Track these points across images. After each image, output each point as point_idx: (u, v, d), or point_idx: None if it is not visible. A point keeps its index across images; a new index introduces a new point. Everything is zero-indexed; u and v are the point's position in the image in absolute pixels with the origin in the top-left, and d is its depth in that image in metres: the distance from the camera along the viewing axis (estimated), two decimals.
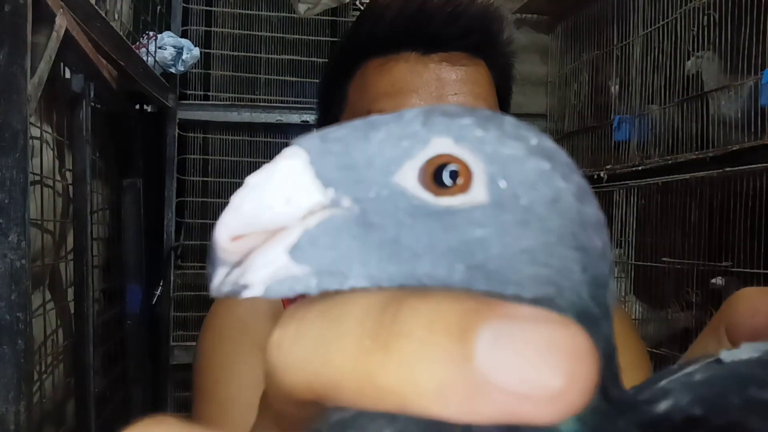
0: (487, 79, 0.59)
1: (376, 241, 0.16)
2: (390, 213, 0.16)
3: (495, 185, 0.16)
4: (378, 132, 0.17)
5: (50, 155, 1.30)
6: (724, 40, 1.44)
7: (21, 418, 0.83)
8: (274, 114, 2.15)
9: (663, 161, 1.63)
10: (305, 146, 0.17)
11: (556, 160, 0.17)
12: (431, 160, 0.16)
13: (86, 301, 1.31)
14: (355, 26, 0.61)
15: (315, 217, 0.16)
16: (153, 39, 1.80)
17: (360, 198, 0.16)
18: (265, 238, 0.17)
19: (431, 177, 0.16)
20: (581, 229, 0.17)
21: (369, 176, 0.17)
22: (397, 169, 0.17)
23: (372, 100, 0.56)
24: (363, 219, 0.16)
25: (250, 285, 0.16)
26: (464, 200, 0.16)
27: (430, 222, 0.16)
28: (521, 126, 0.18)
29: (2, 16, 0.83)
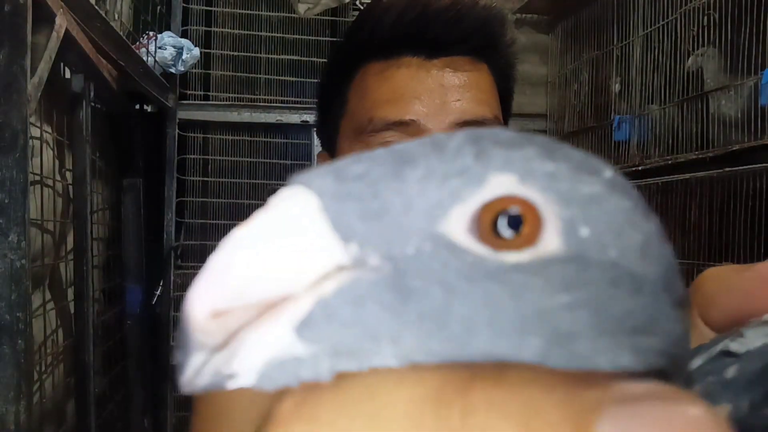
0: (490, 82, 0.58)
1: (416, 312, 0.12)
2: (435, 273, 0.12)
3: (573, 234, 0.13)
4: (415, 169, 0.13)
5: (50, 155, 1.30)
6: (724, 40, 1.44)
7: (21, 418, 0.83)
8: (274, 114, 2.15)
9: (663, 161, 1.63)
10: (315, 187, 0.13)
11: (634, 197, 0.14)
12: (490, 204, 0.13)
13: (86, 301, 1.31)
14: (354, 28, 0.60)
15: (332, 281, 0.12)
16: (153, 39, 1.80)
17: (393, 255, 0.13)
18: (259, 312, 0.13)
19: (490, 226, 0.13)
20: (673, 277, 0.14)
21: (405, 226, 0.13)
22: (445, 216, 0.13)
23: (373, 107, 0.55)
24: (398, 282, 0.12)
25: (240, 372, 0.12)
26: (534, 255, 0.12)
27: (492, 285, 0.12)
28: (589, 156, 0.14)
29: (2, 16, 0.83)
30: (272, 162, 2.20)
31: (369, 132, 0.54)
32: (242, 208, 2.18)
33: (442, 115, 0.53)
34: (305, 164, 2.20)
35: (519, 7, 2.26)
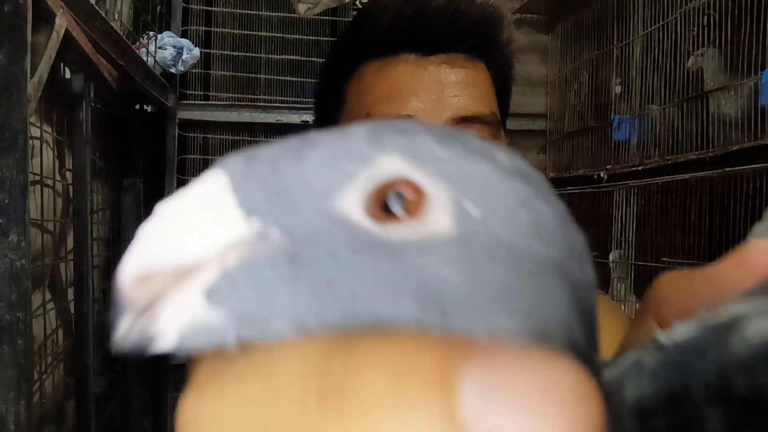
0: (487, 80, 0.59)
1: (309, 281, 0.13)
2: (326, 246, 0.13)
3: (462, 212, 0.14)
4: (315, 150, 0.14)
5: (50, 155, 1.30)
6: (724, 40, 1.44)
7: (21, 418, 0.83)
8: (274, 114, 2.15)
9: (663, 161, 1.63)
10: (227, 168, 0.15)
11: (533, 181, 0.15)
12: (377, 183, 0.14)
13: (86, 301, 1.31)
14: (352, 27, 0.60)
15: (235, 253, 0.14)
16: (153, 39, 1.80)
17: (290, 229, 0.14)
18: (177, 280, 0.14)
19: (379, 204, 0.14)
20: (568, 258, 0.15)
21: (302, 203, 0.14)
22: (337, 194, 0.14)
23: (371, 104, 0.55)
24: (294, 254, 0.14)
25: (160, 335, 0.14)
26: (422, 231, 0.14)
27: (375, 255, 0.13)
28: (489, 144, 0.15)
29: (2, 16, 0.83)
30: None
31: None
32: None
33: (439, 111, 0.54)
34: None
35: (519, 7, 2.25)
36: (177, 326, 0.13)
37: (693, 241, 1.54)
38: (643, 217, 1.76)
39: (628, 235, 1.78)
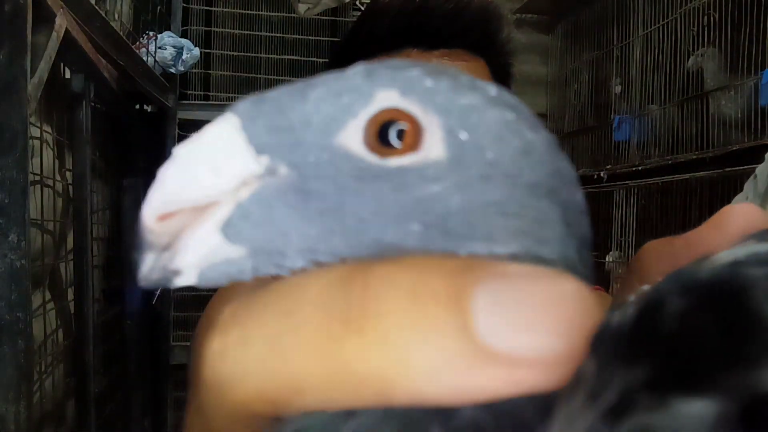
0: (487, 76, 0.60)
1: (317, 211, 0.14)
2: (331, 178, 0.14)
3: (454, 138, 0.15)
4: (315, 89, 0.15)
5: (50, 155, 1.30)
6: (724, 40, 1.44)
7: (21, 418, 0.83)
8: None
9: (663, 161, 1.63)
10: (237, 110, 0.16)
11: (522, 112, 0.16)
12: (375, 116, 0.15)
13: (86, 301, 1.31)
14: (356, 26, 0.62)
15: (248, 188, 0.15)
16: (153, 39, 1.80)
17: (297, 163, 0.15)
18: (194, 216, 0.15)
19: (376, 136, 0.15)
20: (558, 182, 0.15)
21: (307, 139, 0.15)
22: (339, 128, 0.15)
23: None
24: (301, 187, 0.14)
25: (182, 270, 0.15)
26: (416, 159, 0.14)
27: (378, 184, 0.14)
28: (477, 79, 0.16)
29: (2, 16, 0.83)
30: None
31: None
32: None
33: None
34: None
35: (519, 7, 2.25)
36: (196, 261, 0.15)
37: None
38: (643, 217, 1.76)
39: (628, 235, 1.78)
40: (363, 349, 0.11)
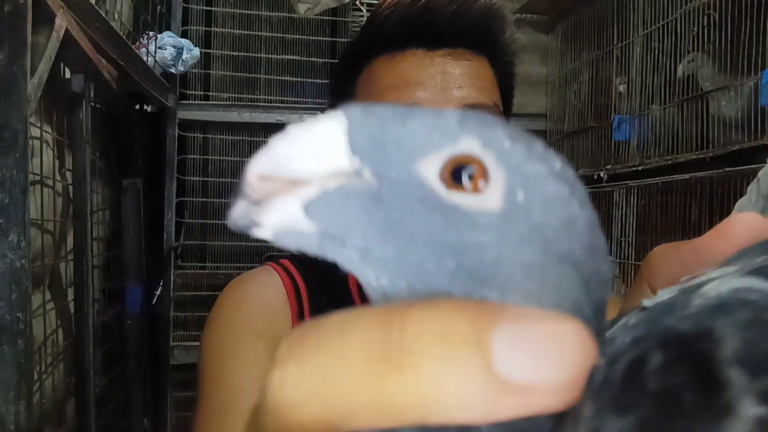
0: (490, 75, 0.62)
1: (382, 218, 0.17)
2: (402, 196, 0.17)
3: (512, 196, 0.17)
4: (415, 119, 0.18)
5: (50, 155, 1.30)
6: (724, 40, 1.44)
7: (21, 418, 0.83)
8: (274, 114, 2.15)
9: (663, 161, 1.63)
10: (347, 113, 0.18)
11: (576, 189, 0.18)
12: (456, 157, 0.17)
13: (86, 301, 1.31)
14: (363, 28, 0.63)
15: (336, 180, 0.17)
16: (153, 39, 1.80)
17: (380, 174, 0.17)
18: (287, 187, 0.18)
19: (450, 172, 0.17)
20: (588, 255, 0.18)
21: (395, 157, 0.17)
22: (422, 157, 0.17)
23: (380, 93, 0.59)
24: (377, 194, 0.17)
25: (262, 225, 0.18)
26: (475, 202, 0.17)
27: (436, 215, 0.17)
28: (549, 150, 0.19)
29: (2, 16, 0.83)
30: None
31: None
32: None
33: (444, 100, 0.58)
34: None
35: (519, 7, 2.25)
36: (275, 222, 0.18)
37: None
38: (643, 217, 1.76)
39: (628, 235, 1.78)
40: (403, 383, 0.14)
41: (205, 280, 2.12)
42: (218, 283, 2.12)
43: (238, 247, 2.18)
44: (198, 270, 2.14)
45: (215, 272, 2.14)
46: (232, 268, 2.15)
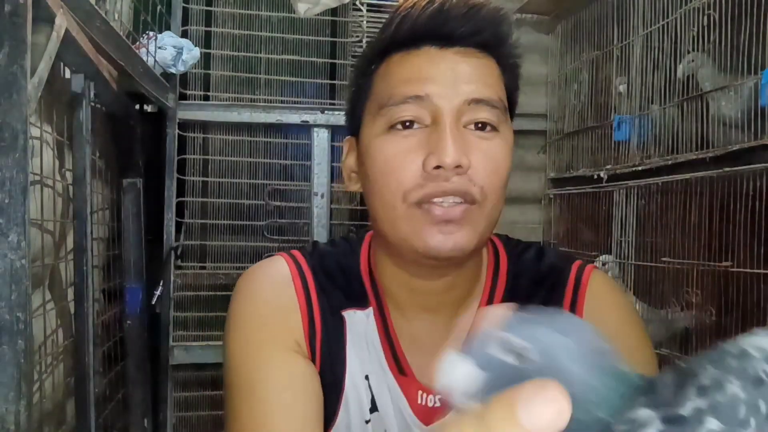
0: (497, 73, 0.67)
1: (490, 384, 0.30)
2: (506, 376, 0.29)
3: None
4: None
5: (50, 155, 1.30)
6: (724, 40, 1.44)
7: (21, 418, 0.83)
8: (274, 114, 2.15)
9: (663, 161, 1.63)
10: (473, 355, 0.31)
11: (607, 356, 0.30)
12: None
13: (86, 301, 1.31)
14: (382, 27, 0.68)
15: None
16: (153, 39, 1.80)
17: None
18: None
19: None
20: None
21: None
22: None
23: (394, 85, 0.64)
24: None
25: (448, 388, 0.31)
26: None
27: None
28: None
29: (2, 16, 0.83)
30: (272, 162, 2.20)
31: (389, 105, 0.64)
32: (242, 208, 2.18)
33: (453, 94, 0.63)
34: (305, 164, 2.20)
35: (519, 7, 2.25)
36: (455, 383, 0.31)
37: (693, 241, 1.54)
38: (643, 217, 1.76)
39: (628, 235, 1.78)
40: None
41: (205, 280, 2.12)
42: (218, 283, 2.12)
43: (238, 247, 2.18)
44: (198, 270, 2.14)
45: (215, 272, 2.14)
46: (232, 268, 2.15)
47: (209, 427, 2.16)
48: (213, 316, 2.09)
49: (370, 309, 0.72)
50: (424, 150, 0.62)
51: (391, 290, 0.71)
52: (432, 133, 0.62)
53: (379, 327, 0.71)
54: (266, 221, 2.18)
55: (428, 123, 0.63)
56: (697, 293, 1.50)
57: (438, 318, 0.71)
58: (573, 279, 0.74)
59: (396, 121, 0.63)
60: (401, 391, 0.69)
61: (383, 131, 0.65)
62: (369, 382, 0.70)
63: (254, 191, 2.19)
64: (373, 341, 0.71)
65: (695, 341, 1.49)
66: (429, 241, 0.62)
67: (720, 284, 1.44)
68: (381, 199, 0.65)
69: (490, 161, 0.63)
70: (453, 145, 0.60)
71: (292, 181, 2.22)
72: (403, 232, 0.64)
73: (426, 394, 0.69)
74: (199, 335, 2.09)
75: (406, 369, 0.70)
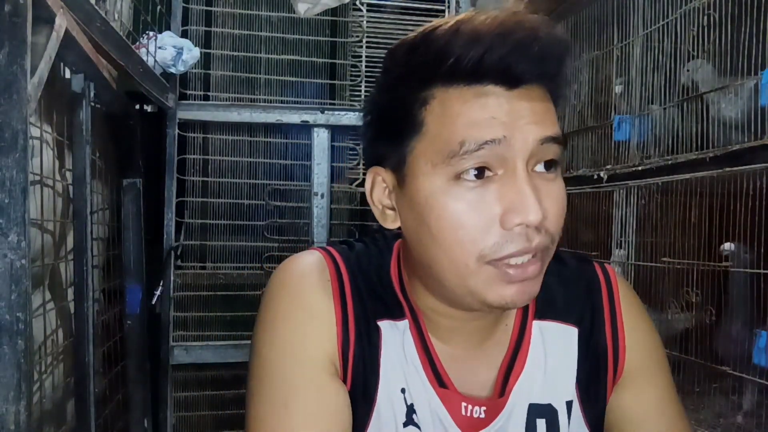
0: (552, 105, 0.63)
1: None
2: None
3: None
4: None
5: (50, 155, 1.30)
6: (724, 41, 1.44)
7: (21, 418, 0.83)
8: (274, 114, 2.15)
9: (663, 161, 1.63)
10: None
11: None
12: None
13: (86, 301, 1.31)
14: (423, 51, 0.60)
15: None
16: (153, 39, 1.80)
17: None
18: None
19: None
20: None
21: None
22: None
23: (465, 130, 0.58)
24: None
25: None
26: None
27: None
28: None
29: (2, 16, 0.83)
30: (272, 162, 2.20)
31: (462, 154, 0.58)
32: (242, 208, 2.18)
33: (526, 134, 0.58)
34: (305, 164, 2.20)
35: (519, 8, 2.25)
36: None
37: (693, 241, 1.53)
38: (643, 217, 1.76)
39: (628, 235, 1.78)
40: None
41: (205, 280, 2.12)
42: (218, 283, 2.12)
43: (238, 247, 2.18)
44: (198, 270, 2.14)
45: (215, 272, 2.14)
46: (232, 268, 2.15)
47: (209, 427, 2.16)
48: (213, 316, 2.09)
49: (405, 321, 0.69)
50: (500, 204, 0.58)
51: (425, 313, 0.69)
52: (506, 184, 0.58)
53: (416, 340, 0.69)
54: (266, 221, 2.18)
55: (499, 171, 0.59)
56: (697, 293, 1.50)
57: (474, 335, 0.70)
58: (604, 285, 0.74)
59: (466, 169, 0.58)
60: (442, 403, 0.68)
61: (450, 181, 0.59)
62: (404, 395, 0.68)
63: (254, 191, 2.19)
64: (410, 354, 0.68)
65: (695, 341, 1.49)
66: (504, 296, 0.59)
67: (720, 284, 1.44)
68: (448, 254, 0.60)
69: (560, 206, 0.61)
70: (535, 201, 0.57)
71: (292, 181, 2.22)
72: (472, 287, 0.60)
73: (471, 406, 0.67)
74: (199, 335, 2.09)
75: (447, 382, 0.68)
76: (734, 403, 1.42)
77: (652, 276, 1.67)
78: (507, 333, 0.71)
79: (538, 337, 0.71)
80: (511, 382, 0.69)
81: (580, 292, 0.74)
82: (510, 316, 0.72)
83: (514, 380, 0.69)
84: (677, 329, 1.62)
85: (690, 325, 1.57)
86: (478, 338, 0.70)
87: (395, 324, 0.69)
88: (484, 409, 0.68)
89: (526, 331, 0.71)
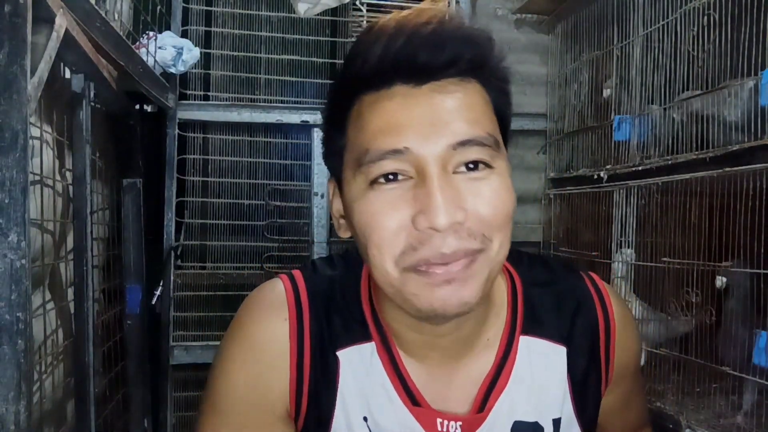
0: (482, 100, 0.60)
1: None
2: None
3: None
4: None
5: (50, 155, 1.30)
6: (724, 40, 1.44)
7: (21, 418, 0.83)
8: (274, 114, 2.15)
9: (663, 161, 1.63)
10: None
11: None
12: None
13: (86, 301, 1.31)
14: (348, 58, 0.61)
15: None
16: (153, 39, 1.80)
17: None
18: None
19: None
20: None
21: None
22: None
23: (369, 139, 0.57)
24: None
25: None
26: None
27: None
28: None
29: (2, 16, 0.83)
30: (272, 162, 2.20)
31: (367, 162, 0.57)
32: (242, 208, 2.18)
33: (435, 139, 0.55)
34: (305, 164, 2.20)
35: (519, 7, 2.25)
36: None
37: (693, 241, 1.53)
38: (643, 217, 1.76)
39: (627, 235, 1.78)
40: None
41: (205, 280, 2.12)
42: (218, 283, 2.12)
43: (238, 247, 2.18)
44: (198, 270, 2.14)
45: (215, 272, 2.14)
46: (232, 268, 2.15)
47: None
48: (213, 316, 2.09)
49: (372, 344, 0.68)
50: (413, 206, 0.55)
51: (395, 329, 0.67)
52: (418, 186, 0.55)
53: (385, 361, 0.67)
54: (266, 221, 2.18)
55: (413, 175, 0.56)
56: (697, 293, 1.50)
57: (450, 350, 0.68)
58: (598, 304, 0.73)
59: (376, 176, 0.56)
60: (417, 421, 0.66)
61: (365, 187, 0.58)
62: (367, 423, 0.67)
63: (254, 191, 2.19)
64: (377, 377, 0.67)
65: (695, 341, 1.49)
66: (433, 302, 0.56)
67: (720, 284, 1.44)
68: (371, 260, 0.58)
69: (488, 204, 0.57)
70: (444, 202, 0.53)
71: (292, 181, 2.22)
72: (405, 295, 0.58)
73: (447, 422, 0.66)
74: (198, 335, 2.09)
75: (420, 400, 0.67)
76: (734, 403, 1.42)
77: (652, 276, 1.67)
78: (491, 348, 0.69)
79: (525, 353, 0.70)
80: (492, 398, 0.68)
81: (570, 311, 0.72)
82: (491, 330, 0.69)
83: (496, 396, 0.68)
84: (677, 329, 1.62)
85: (690, 325, 1.57)
86: (455, 353, 0.68)
87: (360, 348, 0.68)
88: (460, 425, 0.66)
89: (513, 347, 0.69)
